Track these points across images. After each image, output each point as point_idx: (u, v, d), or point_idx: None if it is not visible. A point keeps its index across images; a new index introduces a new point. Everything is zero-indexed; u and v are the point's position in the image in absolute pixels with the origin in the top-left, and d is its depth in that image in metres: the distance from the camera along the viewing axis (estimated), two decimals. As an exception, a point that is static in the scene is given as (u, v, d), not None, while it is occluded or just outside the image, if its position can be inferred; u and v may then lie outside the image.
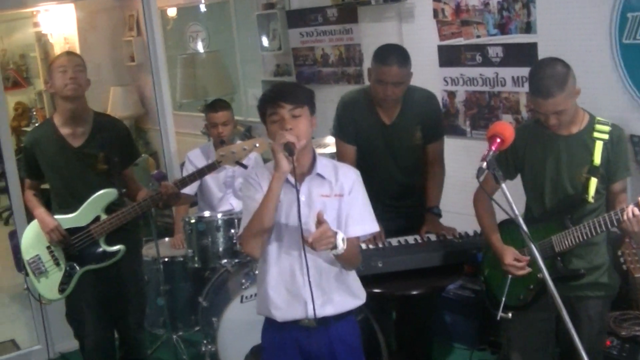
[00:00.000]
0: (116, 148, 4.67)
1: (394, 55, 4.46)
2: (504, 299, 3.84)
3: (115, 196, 4.64)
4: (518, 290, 3.87)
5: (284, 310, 3.38)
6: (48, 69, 4.64)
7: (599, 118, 3.75)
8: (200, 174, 4.68)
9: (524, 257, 3.79)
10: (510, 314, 3.84)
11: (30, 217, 4.85)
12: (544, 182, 3.81)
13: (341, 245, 3.16)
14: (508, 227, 3.95)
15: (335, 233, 3.16)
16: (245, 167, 4.48)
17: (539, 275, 3.74)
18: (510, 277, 3.84)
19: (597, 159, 3.66)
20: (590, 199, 3.67)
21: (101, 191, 4.59)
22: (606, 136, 3.68)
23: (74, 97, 4.53)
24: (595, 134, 3.69)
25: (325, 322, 3.41)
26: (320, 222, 3.10)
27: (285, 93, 3.32)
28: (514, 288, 3.86)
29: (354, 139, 4.75)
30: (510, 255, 3.81)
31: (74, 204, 4.58)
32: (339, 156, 4.79)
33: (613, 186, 3.74)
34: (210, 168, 4.58)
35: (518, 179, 3.97)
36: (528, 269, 3.78)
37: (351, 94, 4.83)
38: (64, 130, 4.58)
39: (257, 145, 4.19)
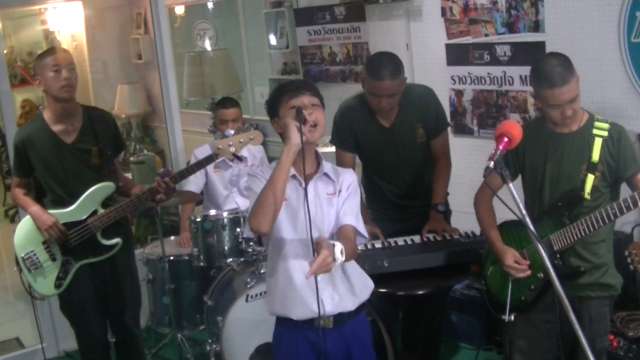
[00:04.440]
0: (108, 141, 4.65)
1: (384, 69, 4.38)
2: (508, 301, 3.82)
3: (113, 189, 4.62)
4: (520, 292, 3.86)
5: (300, 308, 3.36)
6: (36, 64, 4.49)
7: (597, 116, 3.75)
8: (198, 166, 4.63)
9: (523, 260, 3.79)
10: (512, 317, 3.83)
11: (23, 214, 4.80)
12: (544, 181, 3.81)
13: (340, 258, 3.12)
14: (509, 229, 3.95)
15: (333, 246, 3.12)
16: (241, 159, 4.46)
17: (539, 275, 3.74)
18: (512, 279, 3.83)
19: (596, 156, 3.65)
20: (587, 195, 3.66)
21: (99, 185, 4.56)
22: (605, 133, 3.67)
23: (69, 98, 4.52)
24: (595, 131, 3.69)
25: (340, 321, 3.42)
26: (319, 245, 3.10)
27: (307, 84, 3.43)
28: (516, 289, 3.85)
29: (352, 146, 4.73)
30: (510, 257, 3.81)
31: (69, 200, 4.54)
32: (338, 164, 4.75)
33: (634, 179, 3.68)
34: (209, 160, 4.55)
35: (517, 180, 3.95)
36: (528, 272, 3.78)
37: (348, 102, 4.78)
38: (56, 127, 4.53)
39: (252, 137, 4.20)
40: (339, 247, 3.12)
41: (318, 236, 3.17)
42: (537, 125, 3.88)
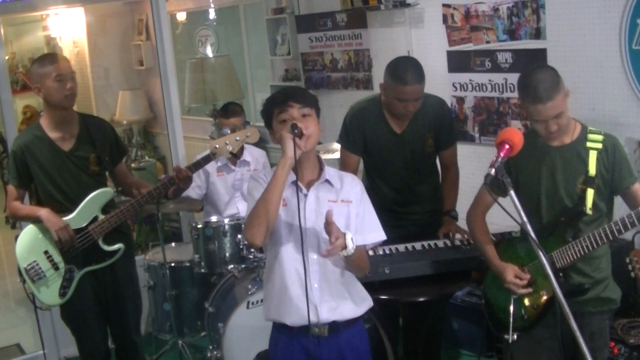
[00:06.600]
0: (106, 148, 4.65)
1: (411, 73, 4.39)
2: (511, 321, 3.76)
3: (112, 195, 4.63)
4: (522, 310, 3.80)
5: (295, 314, 3.34)
6: (36, 72, 4.44)
7: (591, 128, 3.69)
8: (205, 160, 4.59)
9: (524, 275, 3.72)
10: (515, 335, 3.76)
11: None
12: (540, 195, 3.74)
13: (351, 245, 3.15)
14: (506, 247, 3.90)
15: (344, 233, 3.14)
16: (238, 157, 4.44)
17: (541, 293, 3.70)
18: (514, 298, 3.76)
19: (592, 169, 3.60)
20: (588, 211, 3.60)
21: (98, 191, 4.55)
22: (600, 145, 3.62)
23: (71, 107, 4.53)
24: (589, 144, 3.63)
25: (335, 329, 3.39)
26: (328, 222, 3.09)
27: (294, 93, 3.34)
28: (518, 308, 3.77)
29: (360, 149, 4.73)
30: (511, 273, 3.71)
31: (68, 207, 4.52)
32: (342, 165, 4.77)
33: (629, 191, 3.65)
34: (206, 160, 4.55)
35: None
36: (529, 289, 3.70)
37: (360, 104, 4.78)
38: (53, 135, 4.53)
39: (249, 135, 4.19)
40: (349, 235, 3.16)
41: (328, 211, 3.13)
42: (529, 137, 3.79)
